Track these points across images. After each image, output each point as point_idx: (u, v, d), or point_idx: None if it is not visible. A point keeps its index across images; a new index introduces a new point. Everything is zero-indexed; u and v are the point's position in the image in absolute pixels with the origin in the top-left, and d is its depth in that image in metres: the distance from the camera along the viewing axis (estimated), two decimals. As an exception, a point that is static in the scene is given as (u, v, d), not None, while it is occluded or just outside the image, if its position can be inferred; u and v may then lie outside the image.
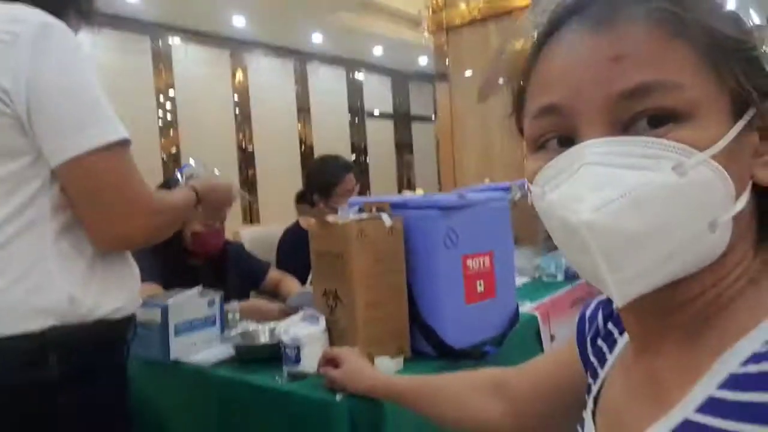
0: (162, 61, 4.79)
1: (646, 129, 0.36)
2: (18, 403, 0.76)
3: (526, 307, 1.39)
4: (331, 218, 1.05)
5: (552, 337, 1.41)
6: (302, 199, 2.62)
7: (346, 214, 1.06)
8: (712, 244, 0.37)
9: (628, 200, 0.35)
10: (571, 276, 1.76)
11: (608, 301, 0.55)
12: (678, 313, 0.40)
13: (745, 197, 0.37)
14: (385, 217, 1.05)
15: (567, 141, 0.39)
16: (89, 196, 0.81)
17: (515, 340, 1.20)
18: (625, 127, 0.37)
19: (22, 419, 0.76)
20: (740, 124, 0.36)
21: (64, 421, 0.78)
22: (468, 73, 3.41)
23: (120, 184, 0.81)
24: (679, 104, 0.36)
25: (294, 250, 2.07)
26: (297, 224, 2.26)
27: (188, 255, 1.66)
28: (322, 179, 2.18)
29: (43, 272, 0.78)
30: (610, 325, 0.53)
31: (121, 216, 0.82)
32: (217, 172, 1.10)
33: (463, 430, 0.74)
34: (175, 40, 4.89)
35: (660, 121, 0.36)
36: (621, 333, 0.51)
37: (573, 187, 0.37)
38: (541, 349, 1.35)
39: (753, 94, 0.36)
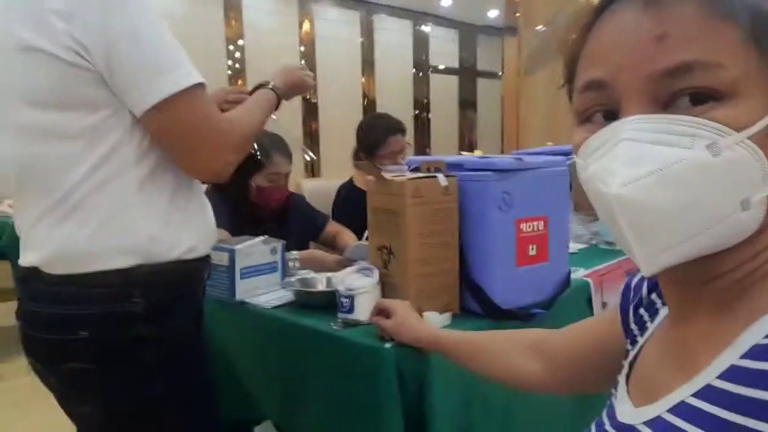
0: (232, 10, 4.86)
1: (688, 107, 0.37)
2: (104, 332, 0.85)
3: (580, 273, 1.39)
4: (388, 176, 1.09)
5: (604, 305, 1.41)
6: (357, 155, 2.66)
7: (388, 173, 1.10)
8: (744, 222, 0.37)
9: (657, 177, 0.36)
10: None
11: None
12: (712, 285, 0.41)
13: None
14: (440, 177, 1.07)
15: (611, 115, 0.41)
16: (174, 139, 0.85)
17: (566, 304, 1.21)
18: (666, 104, 0.38)
19: (105, 346, 0.85)
20: None
21: (144, 349, 0.87)
22: (539, 27, 3.27)
23: (201, 126, 0.85)
24: (720, 84, 0.36)
25: (347, 208, 2.12)
26: (351, 182, 2.29)
27: (255, 205, 1.76)
28: (367, 139, 2.19)
29: (127, 217, 0.84)
30: (653, 296, 0.55)
31: (208, 154, 0.87)
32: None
33: (503, 383, 0.78)
34: (245, -11, 4.94)
35: (700, 99, 0.37)
36: (664, 304, 0.53)
37: (609, 160, 0.39)
38: (592, 315, 1.35)
39: None
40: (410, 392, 0.94)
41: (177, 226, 0.89)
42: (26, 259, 0.87)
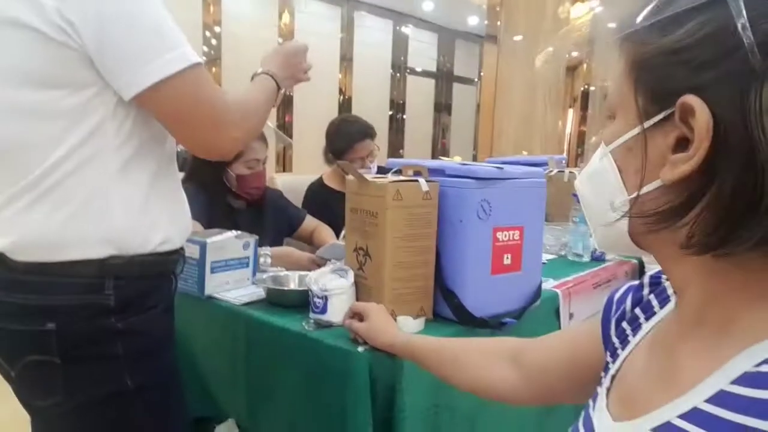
0: (211, -4, 4.76)
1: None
2: (72, 325, 0.81)
3: (549, 284, 1.41)
4: (369, 177, 1.08)
5: (571, 316, 1.43)
6: None
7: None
8: (618, 222, 0.46)
9: (584, 174, 0.50)
10: (597, 257, 1.76)
11: (639, 287, 0.58)
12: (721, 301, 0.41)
13: (648, 188, 0.42)
14: (422, 181, 1.06)
15: None
16: (173, 120, 0.83)
17: (534, 314, 1.22)
18: None
19: (73, 339, 0.81)
20: (635, 130, 0.42)
21: (114, 343, 0.83)
22: (518, 37, 3.31)
23: (199, 106, 0.82)
24: (610, 107, 0.47)
25: (316, 208, 2.11)
26: (320, 180, 2.27)
27: (231, 197, 1.72)
28: (335, 143, 2.17)
29: (103, 204, 0.81)
30: (637, 310, 0.56)
31: (209, 133, 0.85)
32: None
33: (476, 393, 0.77)
34: (225, -24, 4.85)
35: (611, 118, 0.47)
36: (647, 319, 0.53)
37: None
38: (559, 327, 1.37)
39: (650, 104, 0.41)
40: (380, 397, 0.94)
41: (154, 216, 0.86)
42: None
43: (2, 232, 0.81)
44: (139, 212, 0.84)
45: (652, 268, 1.79)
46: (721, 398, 0.37)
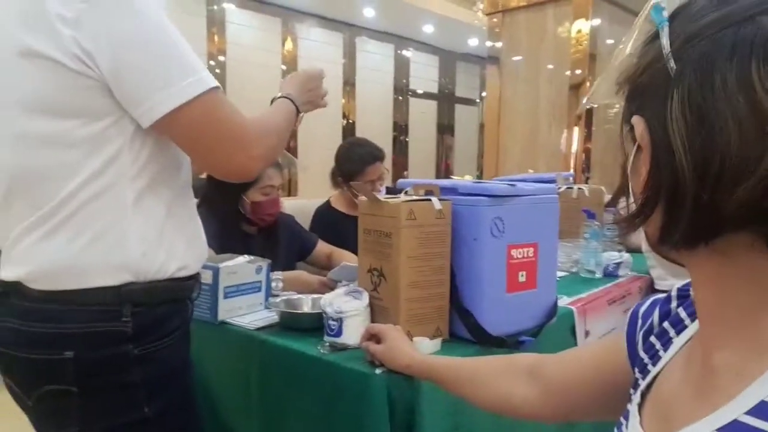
0: (216, 25, 4.85)
1: None
2: (90, 352, 0.80)
3: (563, 301, 1.39)
4: (382, 197, 1.07)
5: (587, 333, 1.41)
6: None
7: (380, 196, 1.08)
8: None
9: None
10: (609, 273, 1.75)
11: (666, 300, 0.56)
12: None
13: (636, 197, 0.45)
14: (435, 200, 1.06)
15: None
16: (194, 143, 0.83)
17: (550, 332, 1.20)
18: None
19: (95, 366, 0.80)
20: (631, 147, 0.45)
21: (132, 371, 0.82)
22: (519, 57, 3.34)
23: (220, 127, 0.82)
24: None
25: (324, 231, 2.10)
26: (328, 204, 2.27)
27: (245, 222, 1.72)
28: (345, 167, 2.18)
29: (121, 231, 0.81)
30: (666, 324, 0.54)
31: (230, 154, 0.84)
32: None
33: (497, 412, 0.76)
34: (230, 6, 4.94)
35: None
36: (678, 333, 0.52)
37: None
38: (575, 344, 1.35)
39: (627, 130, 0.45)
40: (400, 420, 0.92)
41: (171, 243, 0.86)
42: (7, 273, 0.82)
43: (19, 261, 0.81)
44: (155, 240, 0.84)
45: (660, 283, 1.77)
46: (761, 410, 0.36)
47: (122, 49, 0.75)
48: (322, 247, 1.94)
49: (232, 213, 1.68)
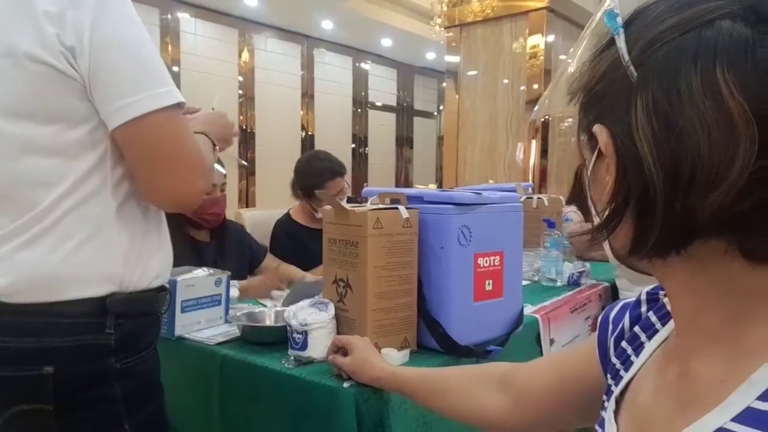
0: (170, 34, 4.73)
1: None
2: (72, 367, 0.76)
3: (528, 310, 1.40)
4: (348, 206, 1.05)
5: (551, 341, 1.42)
6: None
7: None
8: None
9: None
10: (571, 282, 1.77)
11: (636, 304, 0.56)
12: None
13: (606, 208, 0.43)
14: (401, 208, 1.05)
15: None
16: (147, 158, 0.79)
17: (516, 341, 1.20)
18: None
19: (76, 381, 0.76)
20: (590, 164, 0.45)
21: (115, 385, 0.79)
22: (476, 71, 3.40)
23: (178, 147, 0.79)
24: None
25: (285, 244, 2.07)
26: (288, 216, 2.23)
27: (191, 227, 1.67)
28: (305, 182, 2.15)
29: (103, 241, 0.78)
30: (637, 329, 0.54)
31: (182, 179, 0.80)
32: (215, 102, 1.06)
33: (467, 423, 0.74)
34: (184, 15, 4.84)
35: None
36: (649, 338, 0.52)
37: None
38: (541, 352, 1.36)
39: (586, 139, 0.45)
40: (368, 435, 0.89)
41: (149, 251, 0.84)
42: None
43: None
44: (136, 249, 0.81)
45: (625, 294, 1.80)
46: (749, 416, 0.35)
47: (102, 48, 0.73)
48: (270, 261, 1.91)
49: (178, 218, 1.62)
